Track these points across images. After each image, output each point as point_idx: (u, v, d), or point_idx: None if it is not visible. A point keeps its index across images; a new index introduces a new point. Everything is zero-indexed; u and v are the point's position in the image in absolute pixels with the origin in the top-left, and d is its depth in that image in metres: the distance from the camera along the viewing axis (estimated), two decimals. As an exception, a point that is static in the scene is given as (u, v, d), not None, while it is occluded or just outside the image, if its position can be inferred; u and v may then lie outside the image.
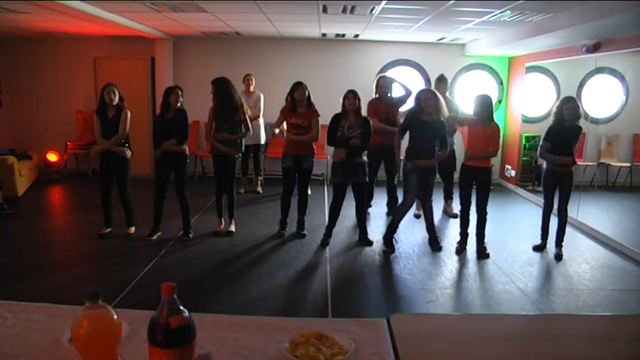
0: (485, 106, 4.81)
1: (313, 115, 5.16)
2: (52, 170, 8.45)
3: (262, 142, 7.31)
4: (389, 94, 6.00)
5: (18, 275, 4.28)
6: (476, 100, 4.89)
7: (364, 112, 5.07)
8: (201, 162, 8.46)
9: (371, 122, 5.05)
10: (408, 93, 6.01)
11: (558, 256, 4.95)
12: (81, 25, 6.70)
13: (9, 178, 6.68)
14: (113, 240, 5.20)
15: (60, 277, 4.32)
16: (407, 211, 5.14)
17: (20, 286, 4.00)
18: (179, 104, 5.02)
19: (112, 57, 8.40)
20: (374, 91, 6.02)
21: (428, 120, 4.78)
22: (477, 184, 4.95)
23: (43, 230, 5.58)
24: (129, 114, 5.01)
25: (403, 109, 6.04)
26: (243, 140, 5.36)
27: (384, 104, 5.87)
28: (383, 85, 5.94)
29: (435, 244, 5.12)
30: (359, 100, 4.93)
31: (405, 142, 5.04)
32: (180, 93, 5.00)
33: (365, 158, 5.02)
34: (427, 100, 4.76)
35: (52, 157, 8.49)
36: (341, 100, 4.99)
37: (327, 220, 5.30)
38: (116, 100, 4.96)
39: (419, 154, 4.81)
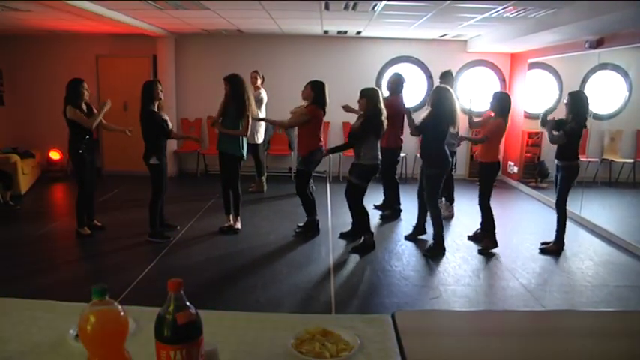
0: (497, 101, 4.90)
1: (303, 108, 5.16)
2: (54, 168, 8.47)
3: (259, 141, 6.97)
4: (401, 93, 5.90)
5: (22, 272, 4.30)
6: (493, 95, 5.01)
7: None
8: (204, 160, 8.46)
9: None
10: None
11: (550, 251, 4.95)
12: (83, 24, 6.70)
13: (12, 176, 6.69)
14: (116, 238, 5.20)
15: (63, 274, 4.34)
16: None
17: (25, 283, 4.02)
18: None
19: (114, 55, 8.39)
20: (391, 88, 5.86)
21: None
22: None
23: (47, 228, 5.60)
24: None
25: None
26: (244, 140, 5.21)
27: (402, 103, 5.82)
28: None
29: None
30: None
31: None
32: None
33: (360, 161, 4.75)
34: None
35: (54, 155, 8.50)
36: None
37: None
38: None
39: None
